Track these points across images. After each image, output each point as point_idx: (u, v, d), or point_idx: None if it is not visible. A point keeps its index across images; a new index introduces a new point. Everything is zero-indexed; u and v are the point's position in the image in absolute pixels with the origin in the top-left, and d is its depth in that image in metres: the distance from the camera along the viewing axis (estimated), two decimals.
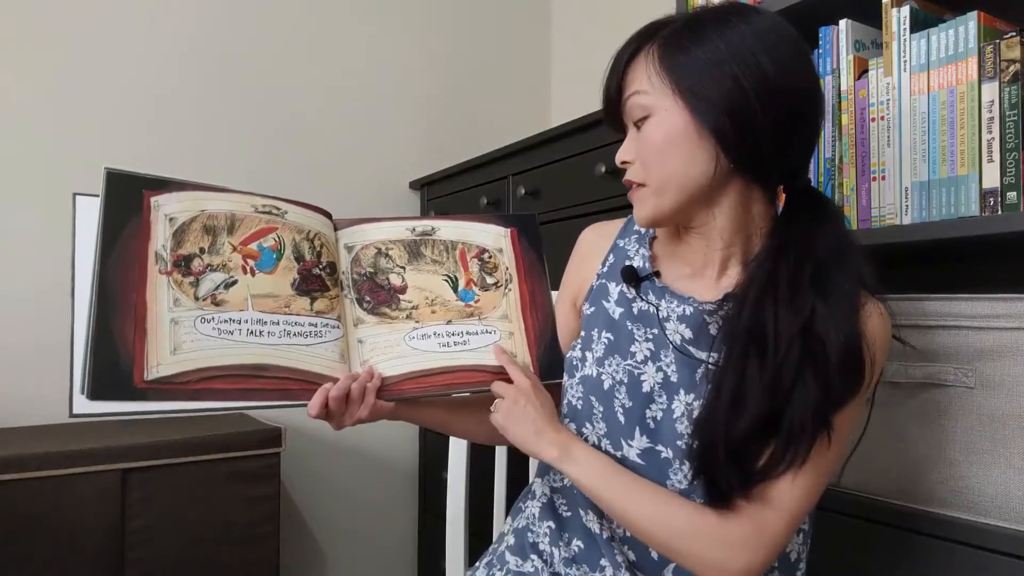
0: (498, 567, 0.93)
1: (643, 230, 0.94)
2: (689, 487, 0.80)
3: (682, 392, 0.82)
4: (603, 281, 0.93)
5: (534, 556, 0.91)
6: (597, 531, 0.87)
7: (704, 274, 0.86)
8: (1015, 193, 0.91)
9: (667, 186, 0.80)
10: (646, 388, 0.84)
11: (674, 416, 0.82)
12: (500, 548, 0.96)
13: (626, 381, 0.85)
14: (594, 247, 0.97)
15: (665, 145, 0.79)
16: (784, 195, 0.84)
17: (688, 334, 0.84)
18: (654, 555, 0.83)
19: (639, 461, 0.83)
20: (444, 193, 2.22)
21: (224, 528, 1.59)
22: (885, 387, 1.01)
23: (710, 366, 0.79)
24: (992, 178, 0.93)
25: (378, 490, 2.27)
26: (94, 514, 1.46)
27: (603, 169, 1.56)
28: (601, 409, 0.86)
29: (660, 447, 0.82)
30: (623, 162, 0.84)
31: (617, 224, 0.98)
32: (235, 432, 1.61)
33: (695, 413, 0.79)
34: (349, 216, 1.00)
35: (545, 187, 1.79)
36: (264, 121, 2.11)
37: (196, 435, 1.56)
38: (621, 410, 0.84)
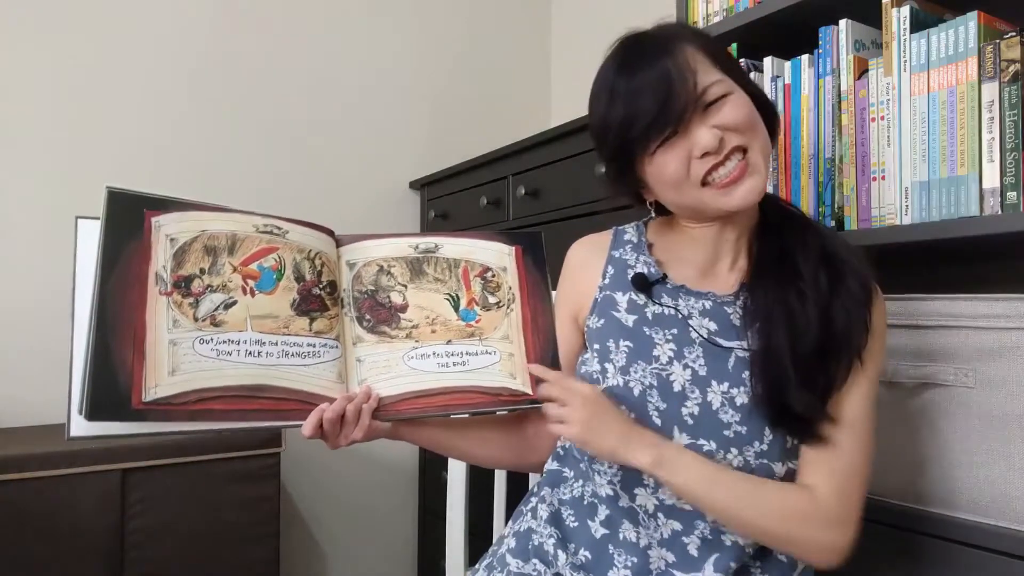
0: (499, 569, 0.92)
1: (636, 239, 0.95)
2: (744, 467, 0.82)
3: (715, 384, 0.83)
4: (607, 293, 0.92)
5: (536, 560, 0.91)
6: (632, 539, 0.86)
7: (716, 269, 0.90)
8: (1015, 193, 0.91)
9: (766, 156, 0.84)
10: (677, 388, 0.84)
11: (713, 408, 0.82)
12: (500, 550, 0.95)
13: (656, 384, 0.85)
14: (588, 260, 0.97)
15: (754, 116, 0.83)
16: None
17: (713, 327, 0.86)
18: (693, 551, 0.84)
19: None
20: (444, 193, 2.22)
21: (224, 528, 1.59)
22: (885, 387, 1.01)
23: (740, 355, 0.84)
24: (992, 178, 0.93)
25: (378, 490, 2.27)
26: (94, 514, 1.46)
27: (603, 169, 1.56)
28: (632, 416, 0.85)
29: (702, 440, 0.82)
30: (725, 126, 0.80)
31: (605, 236, 0.99)
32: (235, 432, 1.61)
33: (737, 400, 0.82)
34: (350, 218, 1.00)
35: (545, 187, 1.79)
36: (264, 122, 2.11)
37: (196, 435, 1.56)
38: (656, 413, 0.84)
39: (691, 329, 0.86)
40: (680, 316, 0.87)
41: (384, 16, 2.30)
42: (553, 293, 0.98)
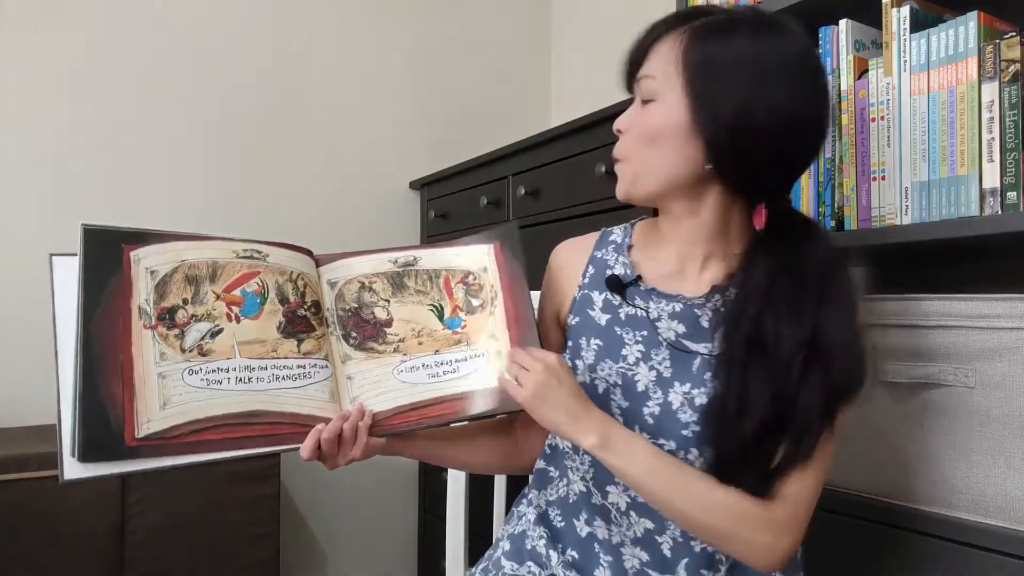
0: (494, 572, 0.93)
1: (619, 240, 0.95)
2: (706, 470, 0.81)
3: (677, 384, 0.83)
4: (586, 292, 0.93)
5: (530, 562, 0.91)
6: (605, 536, 0.87)
7: (685, 272, 0.89)
8: (1015, 193, 0.91)
9: (643, 172, 0.85)
10: (640, 387, 0.85)
11: (673, 407, 0.83)
12: (496, 554, 0.96)
13: (620, 383, 0.85)
14: (570, 261, 0.97)
15: (656, 134, 0.82)
16: (765, 212, 0.85)
17: (681, 329, 0.86)
18: (667, 552, 0.84)
19: None
20: (444, 193, 2.22)
21: (224, 528, 1.59)
22: (885, 387, 1.01)
23: (705, 356, 0.83)
24: (992, 178, 0.93)
25: (378, 490, 2.27)
26: (94, 514, 1.46)
27: (603, 169, 1.56)
28: None
29: (662, 440, 0.83)
30: (618, 130, 0.86)
31: (590, 239, 0.98)
32: None
33: (696, 400, 0.82)
34: (350, 218, 0.99)
35: (545, 187, 1.79)
36: (263, 123, 2.11)
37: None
38: (618, 411, 0.85)
39: (659, 332, 0.86)
40: (649, 319, 0.87)
41: (384, 16, 2.30)
42: (535, 293, 0.98)
